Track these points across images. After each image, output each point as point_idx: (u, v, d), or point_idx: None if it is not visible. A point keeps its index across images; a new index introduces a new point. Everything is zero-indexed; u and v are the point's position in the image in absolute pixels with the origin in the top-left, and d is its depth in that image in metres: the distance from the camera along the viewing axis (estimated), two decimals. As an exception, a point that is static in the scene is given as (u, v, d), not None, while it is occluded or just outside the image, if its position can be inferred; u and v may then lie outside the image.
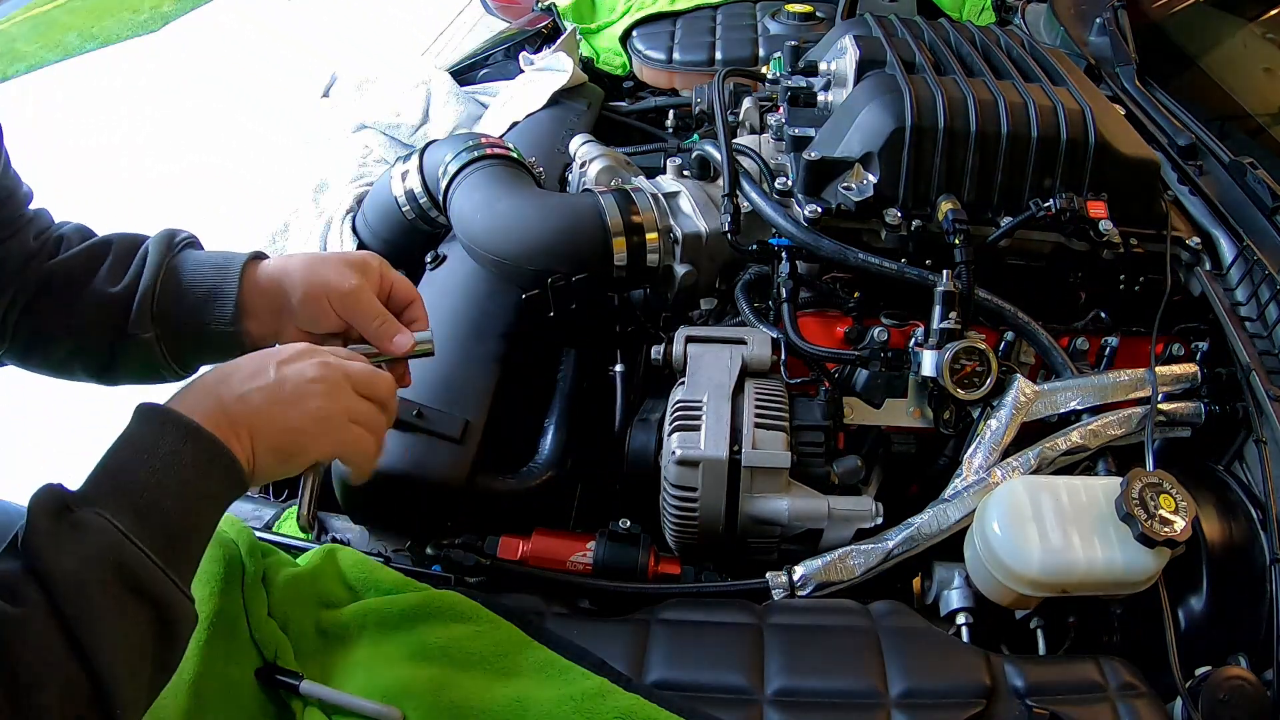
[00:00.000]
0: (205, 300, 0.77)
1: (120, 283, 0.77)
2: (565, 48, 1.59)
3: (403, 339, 0.75)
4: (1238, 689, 0.72)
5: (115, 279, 0.77)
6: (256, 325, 0.77)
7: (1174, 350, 0.97)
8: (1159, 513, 0.75)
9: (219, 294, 0.77)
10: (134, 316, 0.76)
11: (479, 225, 1.05)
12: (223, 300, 0.76)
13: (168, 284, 0.77)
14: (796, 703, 0.71)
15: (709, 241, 1.05)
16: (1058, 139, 0.95)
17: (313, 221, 1.32)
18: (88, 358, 0.79)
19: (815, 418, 0.89)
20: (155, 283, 0.76)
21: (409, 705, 0.67)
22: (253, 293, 0.77)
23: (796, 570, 0.83)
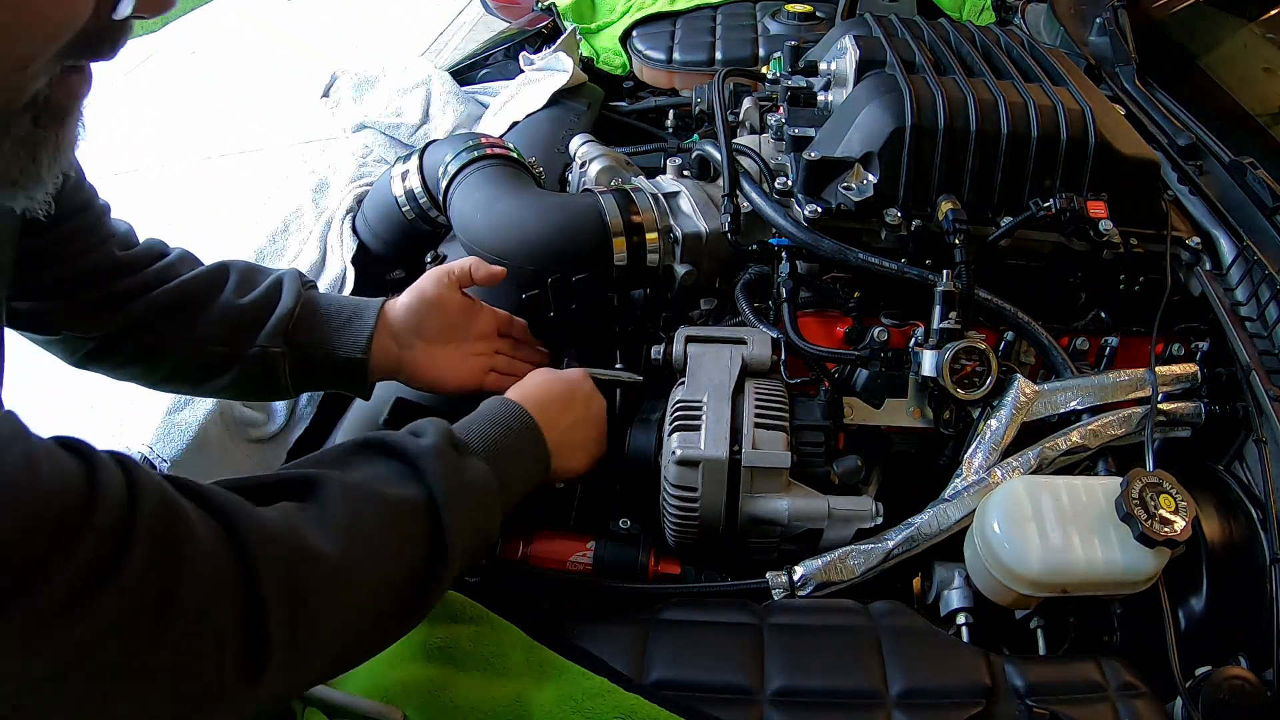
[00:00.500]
0: (341, 329, 0.89)
1: (248, 297, 0.87)
2: (565, 48, 1.59)
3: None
4: (1238, 689, 0.72)
5: (243, 294, 0.87)
6: (381, 359, 0.90)
7: (1174, 350, 0.97)
8: (1159, 513, 0.75)
9: (355, 326, 0.89)
10: (268, 330, 0.86)
11: (479, 225, 1.05)
12: (359, 329, 0.89)
13: (305, 310, 0.88)
14: (796, 702, 0.71)
15: (709, 241, 1.05)
16: (1058, 139, 0.95)
17: (313, 221, 1.31)
18: (202, 365, 0.87)
19: (815, 418, 0.89)
20: (295, 305, 0.88)
21: (409, 705, 0.67)
22: (384, 331, 0.90)
23: (796, 570, 0.83)
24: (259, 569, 0.51)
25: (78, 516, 0.44)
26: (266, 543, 0.52)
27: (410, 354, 0.92)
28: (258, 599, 0.51)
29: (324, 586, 0.55)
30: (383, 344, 0.90)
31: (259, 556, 0.51)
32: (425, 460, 0.65)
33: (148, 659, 0.46)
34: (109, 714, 0.46)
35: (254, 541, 0.52)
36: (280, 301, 0.87)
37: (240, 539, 0.51)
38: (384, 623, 0.62)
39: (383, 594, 0.60)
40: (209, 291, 0.87)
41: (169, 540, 0.47)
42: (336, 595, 0.56)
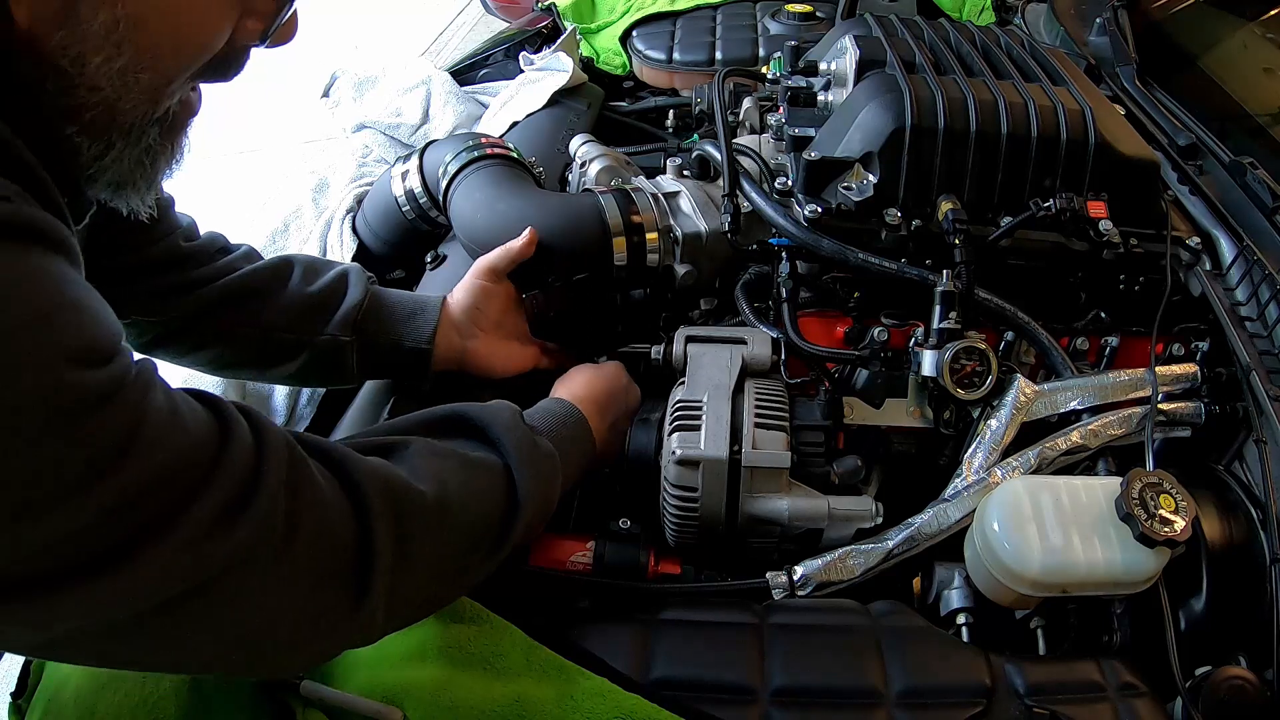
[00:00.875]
0: (406, 321, 0.94)
1: (314, 286, 0.92)
2: (565, 48, 1.59)
3: None
4: (1238, 689, 0.72)
5: (310, 284, 0.92)
6: (444, 350, 0.95)
7: (1174, 350, 0.97)
8: (1159, 513, 0.75)
9: (421, 318, 0.95)
10: (337, 318, 0.91)
11: (479, 225, 1.05)
12: (424, 323, 0.94)
13: (372, 302, 0.93)
14: (797, 702, 0.71)
15: (709, 241, 1.05)
16: (1058, 139, 0.95)
17: (313, 221, 1.32)
18: (269, 351, 0.92)
19: (815, 418, 0.89)
20: (364, 297, 0.93)
21: (409, 705, 0.67)
22: (446, 324, 0.95)
23: (796, 570, 0.83)
24: (369, 506, 0.57)
25: (215, 453, 0.49)
26: (373, 484, 0.58)
27: (472, 344, 0.97)
28: (367, 530, 0.57)
29: (421, 524, 0.61)
30: (446, 336, 0.95)
31: (367, 494, 0.57)
32: (501, 430, 0.72)
33: (277, 579, 0.52)
34: (244, 628, 0.52)
35: (363, 483, 0.58)
36: (348, 292, 0.93)
37: (351, 480, 0.57)
38: (467, 564, 0.68)
39: (467, 536, 0.66)
40: (275, 282, 0.92)
41: (292, 479, 0.53)
42: (431, 532, 0.62)
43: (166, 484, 0.46)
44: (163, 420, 0.47)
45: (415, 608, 0.66)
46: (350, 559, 0.56)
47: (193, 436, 0.49)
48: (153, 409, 0.47)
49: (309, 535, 0.53)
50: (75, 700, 0.66)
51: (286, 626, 0.54)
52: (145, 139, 0.56)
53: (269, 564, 0.51)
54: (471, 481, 0.67)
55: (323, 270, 0.95)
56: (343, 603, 0.56)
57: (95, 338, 0.45)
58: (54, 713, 0.67)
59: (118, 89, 0.52)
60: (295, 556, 0.52)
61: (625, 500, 0.92)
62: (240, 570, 0.50)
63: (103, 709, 0.65)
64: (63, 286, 0.45)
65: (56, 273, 0.45)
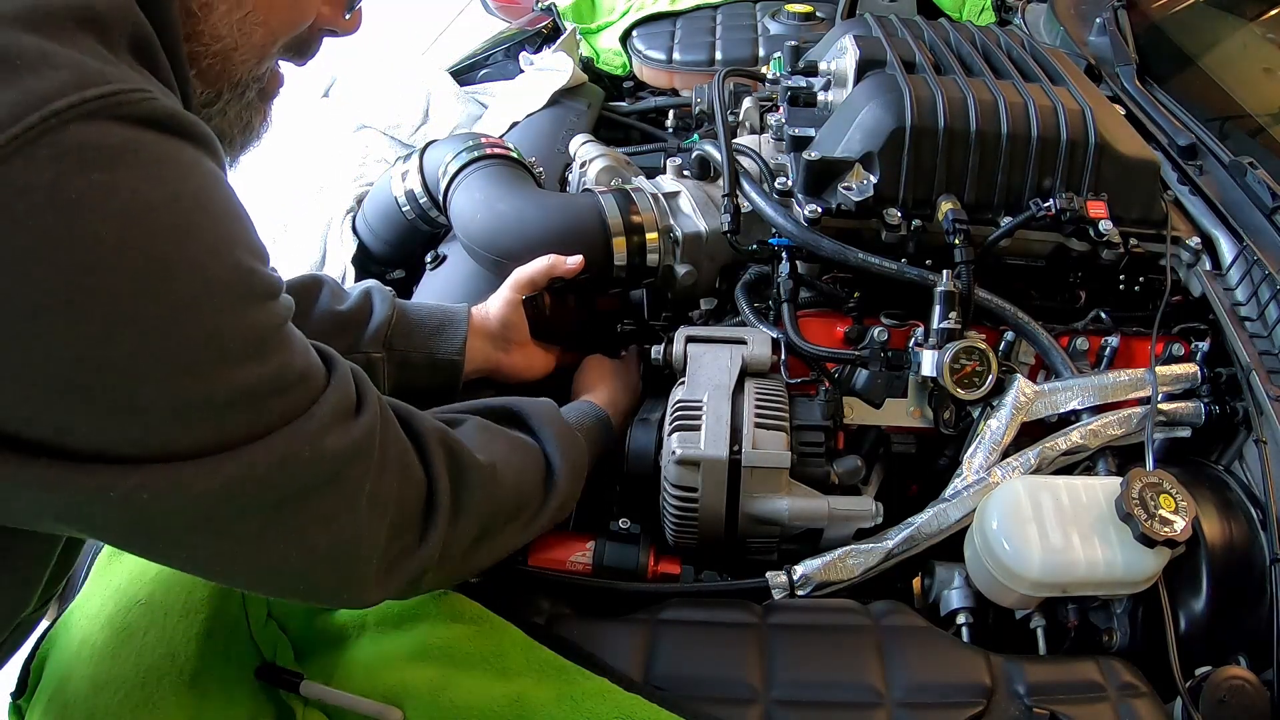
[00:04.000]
0: (435, 334, 0.94)
1: (344, 304, 0.91)
2: (565, 48, 1.59)
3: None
4: (1238, 689, 0.72)
5: (339, 302, 0.92)
6: (475, 360, 0.95)
7: (1174, 350, 0.97)
8: (1159, 513, 0.75)
9: (450, 329, 0.95)
10: (368, 336, 0.90)
11: (479, 225, 1.05)
12: (453, 334, 0.95)
13: (400, 317, 0.93)
14: (797, 702, 0.71)
15: (709, 241, 1.05)
16: (1058, 139, 0.95)
17: (313, 221, 1.32)
18: None
19: (815, 418, 0.89)
20: (391, 314, 0.92)
21: (409, 705, 0.67)
22: (475, 335, 0.95)
23: (796, 570, 0.83)
24: (431, 456, 0.64)
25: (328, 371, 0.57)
26: (433, 437, 0.65)
27: (507, 357, 0.99)
28: (432, 477, 0.64)
29: (473, 481, 0.67)
30: (475, 346, 0.95)
31: (429, 445, 0.64)
32: (541, 423, 0.79)
33: (371, 500, 0.58)
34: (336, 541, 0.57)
35: (425, 434, 0.65)
36: (374, 309, 0.92)
37: (414, 430, 0.64)
38: (506, 529, 0.73)
39: (510, 503, 0.72)
40: (304, 299, 0.90)
41: (383, 414, 0.61)
42: (482, 489, 0.68)
43: (300, 384, 0.53)
44: (299, 335, 0.55)
45: (457, 564, 0.70)
46: (421, 497, 0.63)
47: (314, 354, 0.56)
48: (293, 326, 0.54)
49: (394, 465, 0.60)
50: (75, 700, 0.66)
51: (369, 552, 0.59)
52: (247, 95, 0.62)
53: (366, 481, 0.57)
54: (515, 459, 0.74)
55: (348, 292, 0.95)
56: (412, 541, 0.62)
57: (262, 245, 0.52)
58: (54, 712, 0.67)
59: (235, 39, 0.57)
60: (386, 482, 0.59)
61: (625, 500, 0.92)
62: (343, 481, 0.56)
63: (103, 709, 0.65)
64: (235, 195, 0.51)
65: (228, 183, 0.51)
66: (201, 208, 0.47)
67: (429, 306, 0.97)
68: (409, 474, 0.62)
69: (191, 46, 0.56)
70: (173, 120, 0.47)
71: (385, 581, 0.62)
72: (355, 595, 0.61)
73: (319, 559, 0.57)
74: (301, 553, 0.56)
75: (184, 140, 0.48)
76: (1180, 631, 0.79)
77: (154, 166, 0.45)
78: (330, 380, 0.56)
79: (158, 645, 0.68)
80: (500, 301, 0.98)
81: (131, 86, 0.45)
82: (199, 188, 0.47)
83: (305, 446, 0.53)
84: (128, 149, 0.44)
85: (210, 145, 0.50)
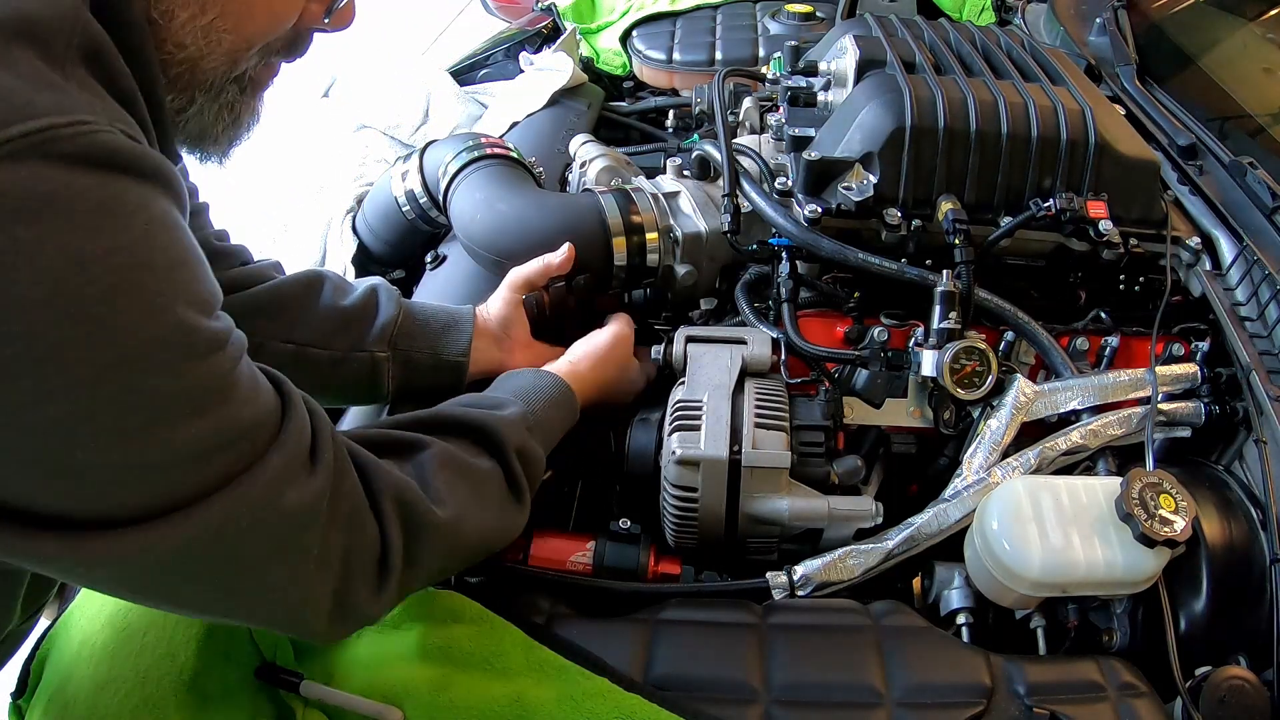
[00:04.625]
0: (440, 334, 0.93)
1: (348, 300, 0.90)
2: (565, 48, 1.59)
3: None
4: (1238, 689, 0.72)
5: (342, 297, 0.90)
6: (479, 361, 0.94)
7: (1174, 350, 0.97)
8: (1159, 513, 0.75)
9: (455, 329, 0.94)
10: (373, 335, 0.89)
11: (479, 225, 1.05)
12: (459, 334, 0.93)
13: (406, 317, 0.92)
14: (797, 702, 0.71)
15: (709, 241, 1.05)
16: (1058, 139, 0.95)
17: (313, 221, 1.32)
18: (300, 367, 0.87)
19: (815, 418, 0.89)
20: (398, 313, 0.91)
21: (409, 705, 0.67)
22: (480, 336, 0.94)
23: (796, 570, 0.83)
24: (384, 514, 0.61)
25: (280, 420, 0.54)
26: (388, 494, 0.62)
27: (509, 357, 0.97)
28: (385, 534, 0.61)
29: (429, 541, 0.64)
30: (479, 347, 0.94)
31: (383, 504, 0.61)
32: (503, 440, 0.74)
33: (324, 548, 0.56)
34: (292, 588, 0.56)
35: (380, 492, 0.62)
36: (380, 308, 0.91)
37: (370, 486, 0.61)
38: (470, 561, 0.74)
39: (473, 550, 0.71)
40: (308, 295, 0.89)
41: (338, 464, 0.58)
42: (439, 548, 0.66)
43: (246, 436, 0.51)
44: (248, 381, 0.52)
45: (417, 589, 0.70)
46: (374, 556, 0.61)
47: (268, 402, 0.53)
48: (243, 371, 0.51)
49: (344, 523, 0.58)
50: (75, 700, 0.66)
51: (316, 611, 0.57)
52: (224, 95, 0.60)
53: (321, 530, 0.55)
54: (477, 503, 0.69)
55: (352, 287, 0.94)
56: (363, 596, 0.60)
57: (210, 291, 0.49)
58: (54, 713, 0.67)
59: (201, 47, 0.55)
60: (334, 539, 0.57)
61: (625, 500, 0.92)
62: (299, 530, 0.54)
63: (103, 709, 0.65)
64: (185, 236, 0.48)
65: (178, 223, 0.48)
66: (141, 260, 0.44)
67: (434, 307, 0.97)
68: (362, 531, 0.60)
69: (159, 54, 0.54)
70: (113, 156, 0.43)
71: (336, 628, 0.61)
72: (306, 638, 0.63)
73: (265, 615, 0.58)
74: (246, 610, 0.57)
75: (127, 177, 0.44)
76: (1180, 631, 0.79)
77: (88, 215, 0.41)
78: (283, 428, 0.54)
79: (158, 645, 0.68)
80: (500, 301, 0.98)
81: (67, 120, 0.41)
82: (140, 236, 0.44)
83: (249, 508, 0.50)
84: (59, 196, 0.40)
85: (161, 178, 0.46)
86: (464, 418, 0.73)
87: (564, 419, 0.84)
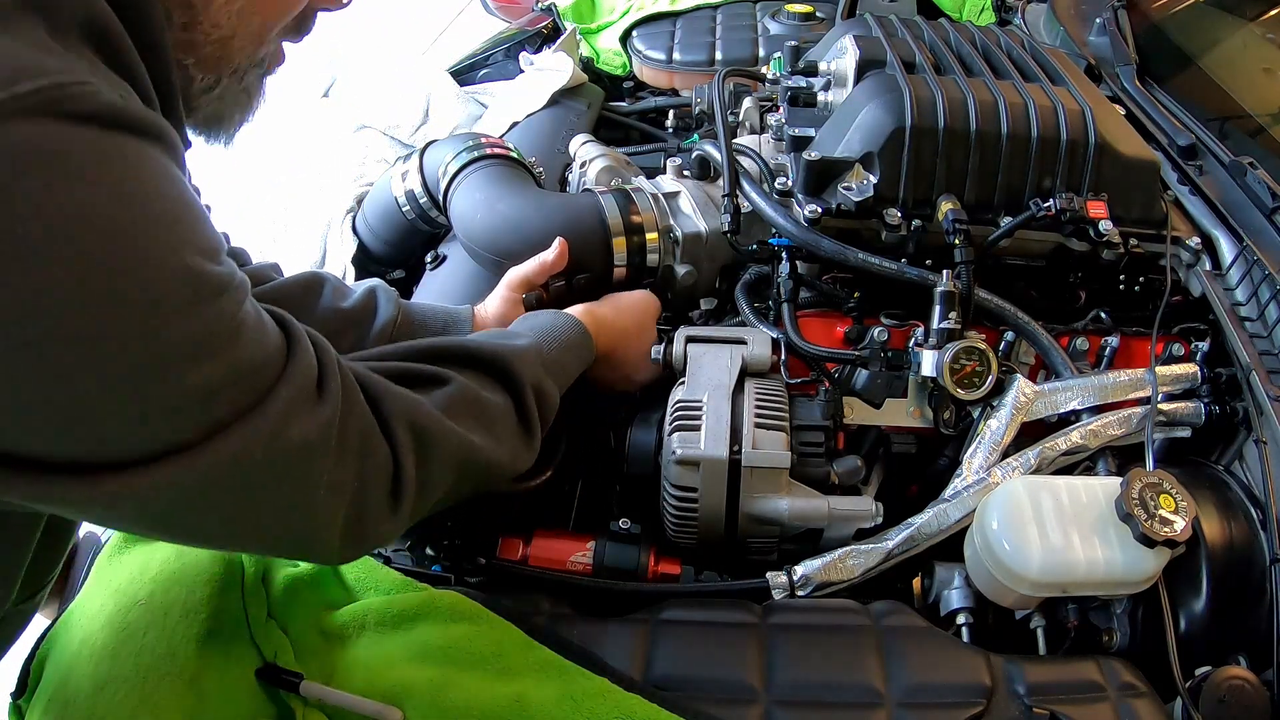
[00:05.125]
0: (440, 332, 0.94)
1: (347, 302, 0.91)
2: (565, 48, 1.59)
3: None
4: (1238, 689, 0.72)
5: (342, 299, 0.91)
6: None
7: (1174, 350, 0.97)
8: (1159, 513, 0.75)
9: (454, 329, 0.95)
10: (373, 335, 0.90)
11: (479, 225, 1.05)
12: (457, 333, 0.94)
13: (405, 317, 0.93)
14: (797, 702, 0.71)
15: (709, 241, 1.05)
16: (1058, 139, 0.95)
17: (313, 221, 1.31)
18: None
19: (815, 418, 0.89)
20: (397, 314, 0.92)
21: (409, 705, 0.67)
22: (480, 330, 0.95)
23: (796, 570, 0.83)
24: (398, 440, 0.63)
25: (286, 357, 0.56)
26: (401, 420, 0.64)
27: None
28: (398, 458, 0.63)
29: (441, 457, 0.66)
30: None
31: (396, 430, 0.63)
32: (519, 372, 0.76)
33: (336, 475, 0.58)
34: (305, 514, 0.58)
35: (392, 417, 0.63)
36: (379, 309, 0.91)
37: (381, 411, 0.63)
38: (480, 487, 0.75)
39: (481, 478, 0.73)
40: (308, 296, 0.90)
41: (348, 395, 0.60)
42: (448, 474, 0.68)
43: (254, 375, 0.52)
44: (254, 323, 0.53)
45: (427, 512, 0.71)
46: (387, 480, 0.63)
47: (274, 340, 0.55)
48: (249, 311, 0.53)
49: (355, 450, 0.60)
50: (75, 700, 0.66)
51: (329, 535, 0.60)
52: (246, 79, 0.63)
53: (331, 459, 0.57)
54: (492, 431, 0.72)
55: (351, 289, 0.94)
56: (375, 519, 0.63)
57: (213, 239, 0.50)
58: (54, 712, 0.67)
59: (234, 27, 0.58)
60: (346, 466, 0.59)
61: (625, 500, 0.92)
62: (299, 476, 0.56)
63: (103, 709, 0.65)
64: (186, 190, 0.49)
65: (179, 177, 0.49)
66: (145, 209, 0.45)
67: (433, 307, 0.97)
68: (373, 458, 0.61)
69: (190, 35, 0.56)
70: (116, 115, 0.45)
71: (349, 551, 0.63)
72: (320, 561, 0.65)
73: (278, 542, 0.60)
74: (259, 539, 0.59)
75: (129, 134, 0.45)
76: (1180, 631, 0.79)
77: (94, 167, 0.43)
78: (288, 363, 0.55)
79: (158, 645, 0.68)
80: (498, 300, 0.98)
81: (72, 79, 0.43)
82: (144, 187, 0.46)
83: (260, 443, 0.52)
84: (65, 149, 0.42)
85: (161, 137, 0.48)
86: (481, 351, 0.75)
87: (580, 359, 0.86)
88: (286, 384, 0.54)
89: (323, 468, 0.57)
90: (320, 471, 0.57)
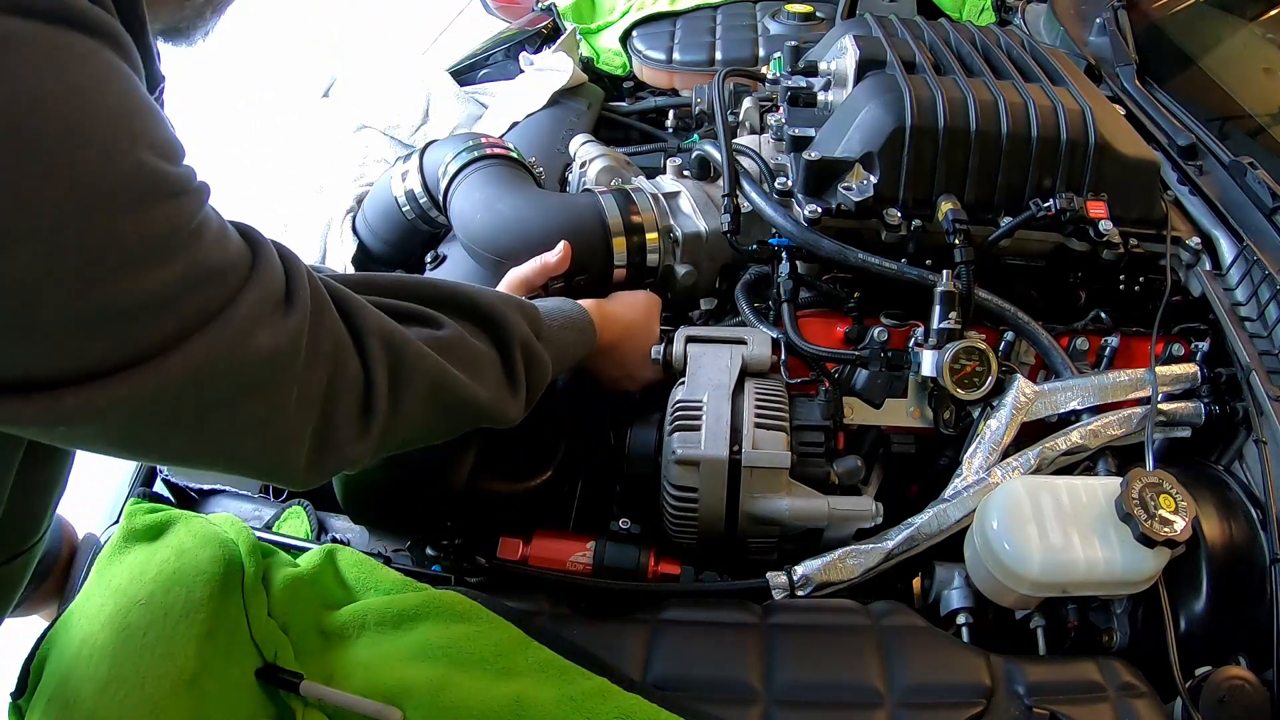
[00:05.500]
0: None
1: None
2: (565, 48, 1.59)
3: None
4: (1238, 689, 0.72)
5: None
6: None
7: (1174, 350, 0.97)
8: (1159, 513, 0.75)
9: None
10: None
11: (479, 225, 1.05)
12: None
13: None
14: (796, 702, 0.71)
15: (709, 241, 1.05)
16: (1058, 139, 0.95)
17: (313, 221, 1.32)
18: None
19: (815, 418, 0.89)
20: None
21: (409, 705, 0.67)
22: None
23: (796, 570, 0.83)
24: (370, 353, 0.62)
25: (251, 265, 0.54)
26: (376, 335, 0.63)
27: None
28: (370, 372, 0.62)
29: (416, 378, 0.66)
30: None
31: (369, 344, 0.62)
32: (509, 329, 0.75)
33: (305, 387, 0.57)
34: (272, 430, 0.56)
35: (365, 332, 0.62)
36: None
37: (355, 326, 0.62)
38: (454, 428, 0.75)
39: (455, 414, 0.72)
40: None
41: (316, 306, 0.58)
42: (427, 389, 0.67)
43: (215, 281, 0.51)
44: (215, 227, 0.51)
45: (400, 444, 0.71)
46: (358, 396, 0.62)
47: (237, 247, 0.53)
48: (210, 216, 0.51)
49: (326, 361, 0.58)
50: (75, 700, 0.66)
51: (296, 449, 0.58)
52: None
53: (300, 370, 0.56)
54: (474, 371, 0.71)
55: None
56: (345, 437, 0.61)
57: (170, 139, 0.49)
58: (54, 713, 0.67)
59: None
60: (315, 378, 0.57)
61: (625, 500, 0.92)
62: (266, 388, 0.54)
63: (103, 709, 0.65)
64: (140, 90, 0.47)
65: (132, 77, 0.47)
66: (96, 103, 0.43)
67: None
68: (343, 370, 0.60)
69: None
70: (67, 10, 0.43)
71: (314, 471, 0.61)
72: (284, 482, 0.63)
73: (245, 460, 0.58)
74: (225, 455, 0.57)
75: (80, 32, 0.44)
76: (1180, 631, 0.79)
77: (45, 59, 0.42)
78: (253, 269, 0.54)
79: (158, 645, 0.68)
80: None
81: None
82: (94, 81, 0.44)
83: (224, 352, 0.51)
84: (15, 39, 0.41)
85: (113, 38, 0.46)
86: (477, 301, 0.75)
87: (581, 342, 0.87)
88: (251, 290, 0.53)
89: (291, 379, 0.56)
90: (289, 383, 0.55)
